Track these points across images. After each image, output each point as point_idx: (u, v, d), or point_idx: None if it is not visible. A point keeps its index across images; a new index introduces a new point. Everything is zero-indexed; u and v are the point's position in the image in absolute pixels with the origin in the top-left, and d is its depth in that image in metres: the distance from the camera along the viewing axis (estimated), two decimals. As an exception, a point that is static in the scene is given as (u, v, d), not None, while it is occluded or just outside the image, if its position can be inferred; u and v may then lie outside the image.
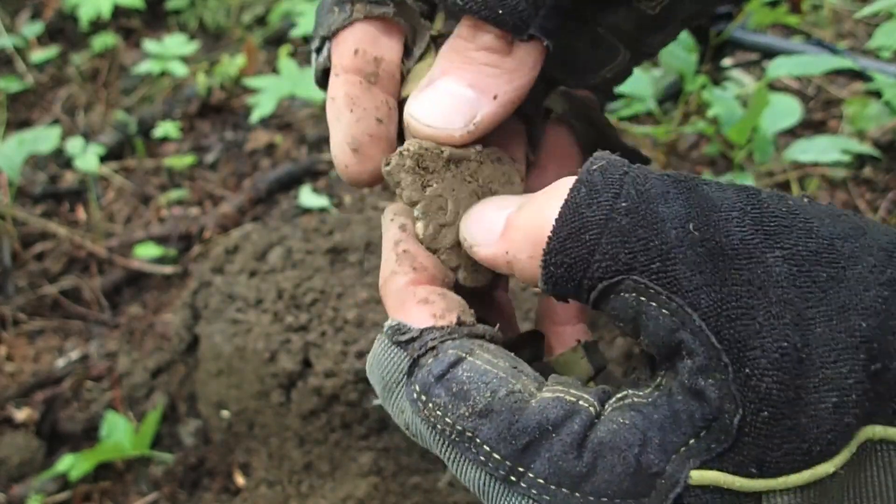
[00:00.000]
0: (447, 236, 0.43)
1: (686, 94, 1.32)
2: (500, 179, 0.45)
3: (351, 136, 0.43)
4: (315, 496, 1.12)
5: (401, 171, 0.42)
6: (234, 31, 2.28)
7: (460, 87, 0.41)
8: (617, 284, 0.33)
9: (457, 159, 0.43)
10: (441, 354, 0.36)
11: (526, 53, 0.41)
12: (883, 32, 0.99)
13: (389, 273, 0.41)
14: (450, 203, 0.43)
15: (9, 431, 1.33)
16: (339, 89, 0.44)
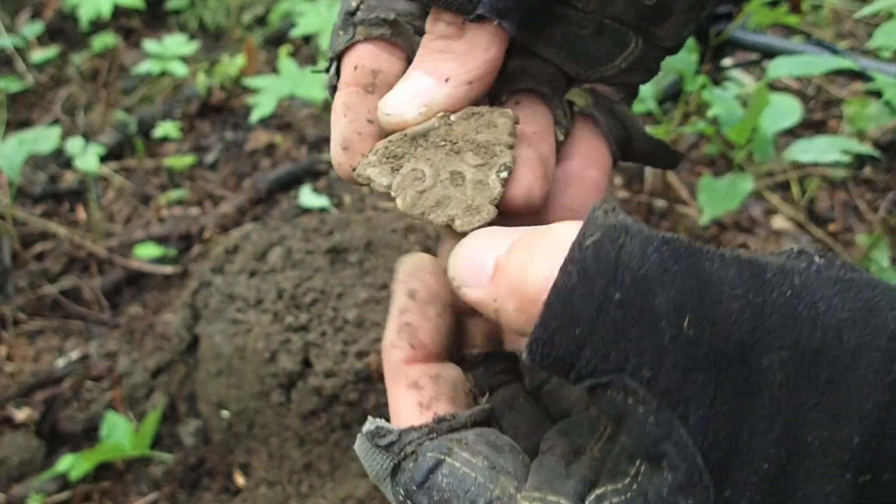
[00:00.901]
0: (429, 198, 0.43)
1: (686, 94, 1.31)
2: (479, 128, 0.44)
3: (343, 137, 0.45)
4: (315, 496, 1.12)
5: (366, 168, 0.44)
6: (234, 31, 2.28)
7: (420, 76, 0.44)
8: (605, 384, 0.31)
9: (422, 133, 0.44)
10: (420, 458, 0.36)
11: (477, 35, 0.42)
12: (883, 32, 0.99)
13: (389, 343, 0.41)
14: (426, 170, 0.43)
15: (9, 431, 1.33)
16: (338, 100, 0.46)
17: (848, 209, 1.58)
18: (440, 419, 0.38)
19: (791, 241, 1.52)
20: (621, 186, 1.67)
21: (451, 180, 0.43)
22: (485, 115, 0.45)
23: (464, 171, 0.43)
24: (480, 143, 0.44)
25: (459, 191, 0.43)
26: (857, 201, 1.59)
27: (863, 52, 1.71)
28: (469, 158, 0.44)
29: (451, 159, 0.44)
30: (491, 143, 0.44)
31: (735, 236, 1.53)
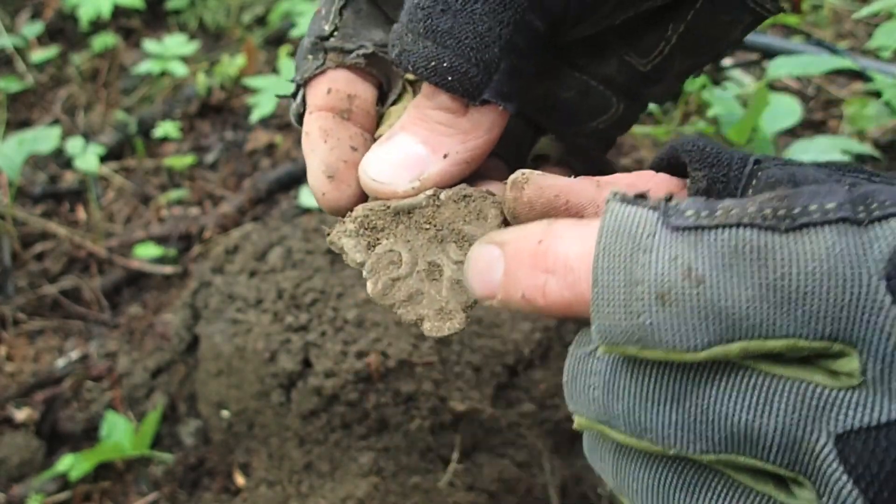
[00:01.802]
0: (401, 289, 0.41)
1: (686, 94, 1.31)
2: (468, 217, 0.42)
3: (325, 164, 0.43)
4: (315, 496, 1.12)
5: (341, 237, 0.42)
6: (234, 31, 2.28)
7: (413, 144, 0.41)
8: None
9: (406, 209, 0.42)
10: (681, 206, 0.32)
11: (481, 116, 0.41)
12: (883, 32, 0.99)
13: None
14: (404, 255, 0.41)
15: (9, 431, 1.33)
16: (312, 124, 0.45)
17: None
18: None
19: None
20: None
21: (428, 273, 0.41)
22: (476, 200, 0.42)
23: (443, 266, 0.41)
24: (466, 237, 0.41)
25: (434, 287, 0.41)
26: (857, 201, 1.59)
27: (863, 52, 1.71)
28: (451, 251, 0.41)
29: (432, 248, 0.41)
30: (476, 237, 0.41)
31: (735, 236, 1.52)
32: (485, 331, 1.19)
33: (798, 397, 0.29)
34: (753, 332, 0.28)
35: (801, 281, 0.28)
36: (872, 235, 0.28)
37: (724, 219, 0.29)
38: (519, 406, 1.16)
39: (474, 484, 1.10)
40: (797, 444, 0.29)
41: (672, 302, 0.29)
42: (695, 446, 0.30)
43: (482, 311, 1.22)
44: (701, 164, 0.35)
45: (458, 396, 1.11)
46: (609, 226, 0.31)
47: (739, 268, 0.28)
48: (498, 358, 1.17)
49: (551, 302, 0.34)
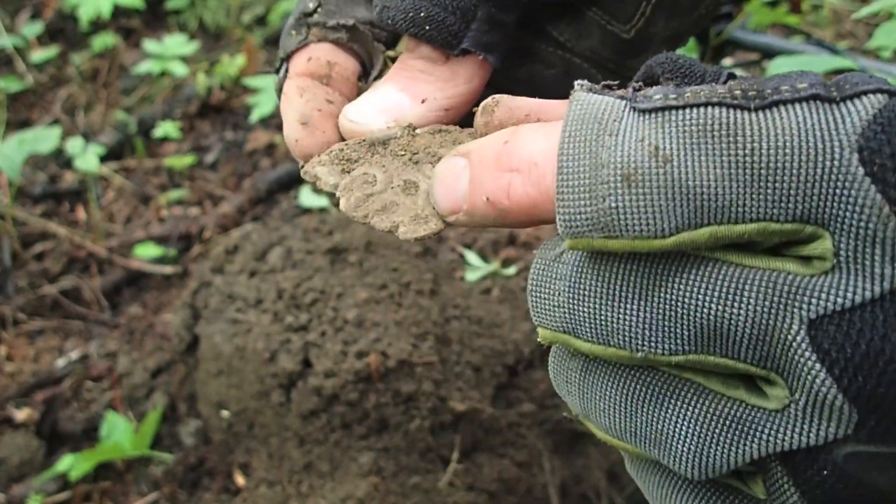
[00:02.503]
0: (375, 202, 0.40)
1: (686, 94, 1.31)
2: (444, 143, 0.42)
3: (300, 113, 0.44)
4: (315, 496, 1.12)
5: (315, 167, 0.43)
6: (234, 31, 2.28)
7: (393, 91, 0.43)
8: None
9: (381, 140, 0.42)
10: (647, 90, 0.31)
11: (461, 65, 0.42)
12: (883, 32, 0.99)
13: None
14: (378, 175, 0.41)
15: (9, 431, 1.33)
16: (290, 86, 0.45)
17: None
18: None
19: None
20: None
21: (404, 188, 0.41)
22: (452, 132, 0.42)
23: (419, 182, 0.41)
24: (442, 157, 0.40)
25: (410, 199, 0.40)
26: (857, 201, 1.59)
27: (863, 52, 1.71)
28: (427, 170, 0.41)
29: (407, 168, 0.41)
30: None
31: (735, 236, 1.53)
32: (485, 331, 1.19)
33: (769, 285, 0.28)
34: (722, 215, 0.27)
35: (772, 157, 0.27)
36: (845, 110, 0.27)
37: (692, 99, 0.29)
38: (519, 406, 1.16)
39: (474, 484, 1.10)
40: (768, 334, 0.28)
41: (638, 183, 0.28)
42: (663, 346, 0.29)
43: (482, 311, 1.22)
44: (673, 75, 0.33)
45: (458, 396, 1.12)
46: (574, 113, 0.30)
47: (708, 146, 0.27)
48: (498, 358, 1.17)
49: (516, 202, 0.33)
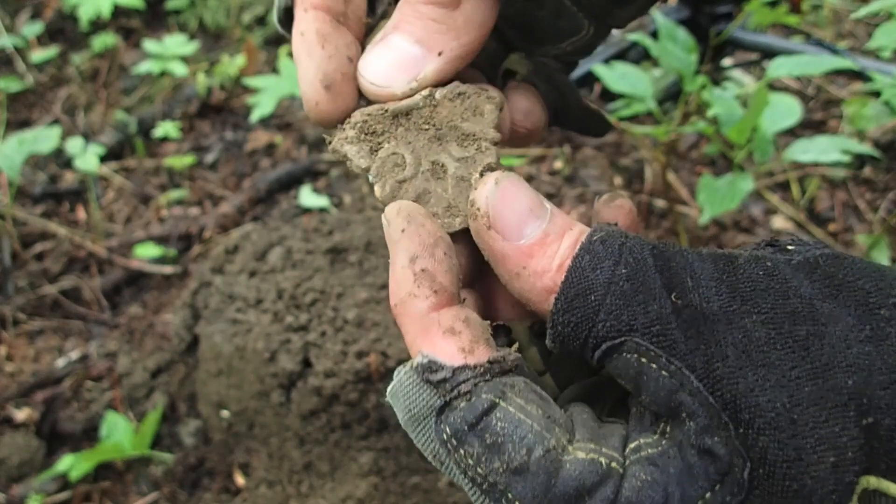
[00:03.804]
0: (409, 190, 0.42)
1: (686, 94, 1.31)
2: (465, 114, 0.42)
3: (323, 73, 0.42)
4: (315, 496, 1.12)
5: (343, 144, 0.42)
6: (234, 31, 2.28)
7: (407, 44, 0.41)
8: (620, 345, 0.35)
9: (404, 111, 0.42)
10: (474, 399, 0.36)
11: (473, 8, 0.41)
12: (883, 32, 0.99)
13: (406, 294, 0.38)
14: (407, 157, 0.42)
15: (9, 431, 1.33)
16: (309, 24, 0.42)
17: (848, 209, 1.58)
18: (493, 360, 0.37)
19: (791, 241, 1.52)
20: (621, 186, 1.67)
21: (433, 172, 0.42)
22: (471, 96, 0.43)
23: (446, 164, 0.42)
24: (465, 134, 0.42)
25: (440, 185, 0.42)
26: (857, 201, 1.59)
27: (863, 52, 1.71)
28: (453, 149, 0.42)
29: (433, 147, 0.42)
30: (476, 135, 0.42)
31: (735, 236, 1.53)
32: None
33: None
34: None
35: None
36: None
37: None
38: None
39: (474, 484, 1.10)
40: None
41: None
42: None
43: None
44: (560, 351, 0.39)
45: (458, 396, 1.11)
46: (395, 389, 0.38)
47: None
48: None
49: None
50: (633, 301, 0.35)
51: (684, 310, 0.34)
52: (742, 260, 0.36)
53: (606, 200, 0.46)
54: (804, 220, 1.54)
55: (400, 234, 0.39)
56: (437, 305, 0.38)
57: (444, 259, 0.39)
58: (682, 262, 0.36)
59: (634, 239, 0.37)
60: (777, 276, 0.35)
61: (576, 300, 0.36)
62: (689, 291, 0.35)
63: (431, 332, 0.38)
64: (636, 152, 1.73)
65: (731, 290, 0.35)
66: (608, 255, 0.36)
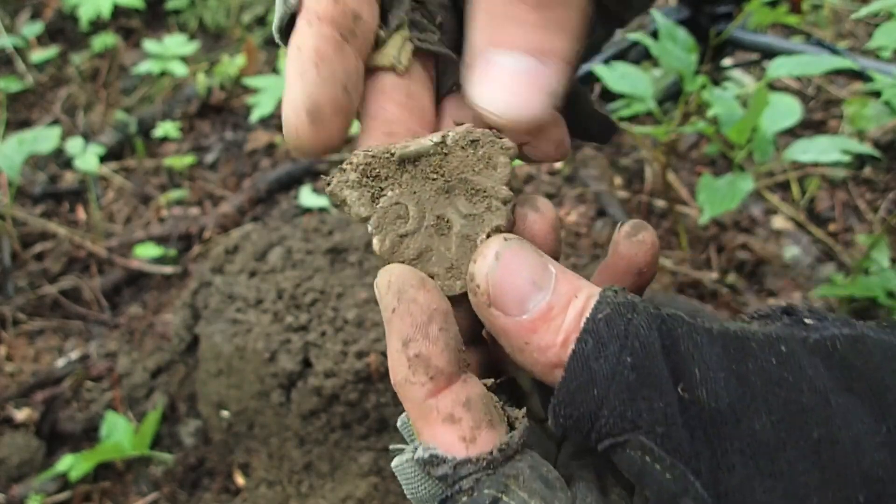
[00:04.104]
0: (410, 246, 0.39)
1: (686, 94, 1.31)
2: (477, 165, 0.40)
3: (311, 101, 0.37)
4: (315, 496, 1.12)
5: (343, 189, 0.39)
6: (234, 31, 2.28)
7: (517, 58, 0.36)
8: (623, 443, 0.33)
9: (412, 157, 0.39)
10: (476, 495, 0.35)
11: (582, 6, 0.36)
12: (883, 32, 0.99)
13: (403, 380, 0.37)
14: (411, 209, 0.39)
15: (9, 431, 1.33)
16: (308, 39, 0.38)
17: (848, 209, 1.58)
18: (497, 449, 0.36)
19: (791, 240, 1.52)
20: (621, 186, 1.67)
21: (437, 227, 0.39)
22: (484, 145, 0.40)
23: (452, 220, 0.40)
24: (475, 189, 0.40)
25: (444, 243, 0.39)
26: (857, 201, 1.59)
27: (863, 52, 1.71)
28: (461, 204, 0.40)
29: (440, 200, 0.40)
30: (486, 192, 0.39)
31: (735, 236, 1.53)
32: (485, 331, 1.19)
33: None
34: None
35: None
36: None
37: None
38: (519, 406, 1.16)
39: (474, 484, 1.10)
40: None
41: None
42: None
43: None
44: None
45: (458, 396, 1.12)
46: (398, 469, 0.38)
47: None
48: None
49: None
50: (638, 395, 0.33)
51: (691, 406, 0.32)
52: (755, 344, 0.34)
53: (629, 234, 0.43)
54: (804, 221, 1.54)
55: (391, 315, 0.37)
56: (434, 391, 0.36)
57: (439, 337, 0.37)
58: (690, 345, 0.34)
59: (642, 315, 0.35)
60: (790, 366, 0.33)
61: (578, 393, 0.34)
62: (696, 385, 0.33)
63: (430, 419, 0.36)
64: (636, 152, 1.73)
65: (741, 383, 0.33)
66: (612, 339, 0.34)
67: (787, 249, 1.50)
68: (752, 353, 0.34)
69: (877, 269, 1.27)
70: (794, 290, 1.42)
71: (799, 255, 1.49)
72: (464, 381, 0.37)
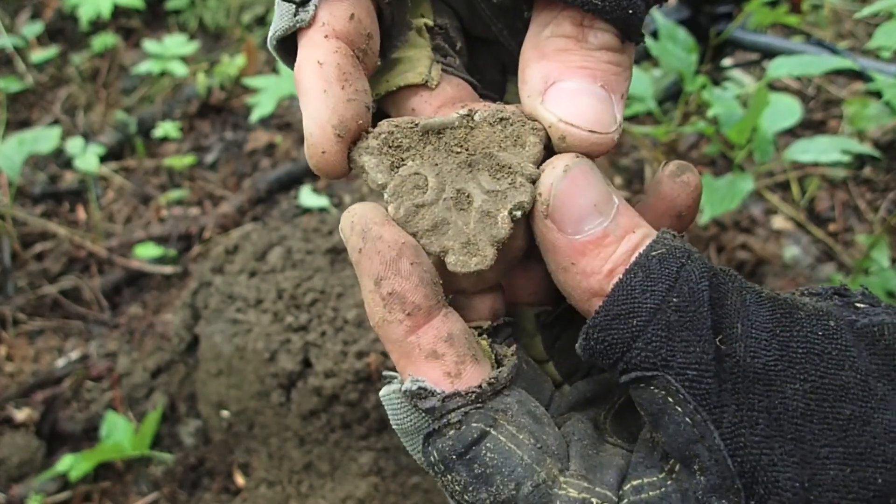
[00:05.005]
0: (425, 217, 0.37)
1: (686, 94, 1.31)
2: (504, 142, 0.38)
3: (339, 119, 0.37)
4: (315, 496, 1.12)
5: (363, 154, 0.38)
6: (234, 31, 2.28)
7: (595, 87, 0.38)
8: (650, 378, 0.33)
9: (436, 129, 0.38)
10: (465, 428, 0.35)
11: (631, 48, 0.39)
12: (883, 32, 0.98)
13: (380, 320, 0.36)
14: (431, 179, 0.38)
15: (9, 431, 1.33)
16: (330, 55, 0.37)
17: (848, 209, 1.58)
18: (486, 383, 0.36)
19: (791, 241, 1.52)
20: (621, 186, 1.67)
21: (456, 201, 0.38)
22: (514, 123, 0.38)
23: (473, 194, 0.38)
24: (501, 165, 0.38)
25: (461, 217, 0.38)
26: (857, 201, 1.59)
27: (863, 52, 1.71)
28: (483, 179, 0.38)
29: (461, 173, 0.38)
30: (513, 168, 0.38)
31: (735, 236, 1.53)
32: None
33: None
34: None
35: None
36: None
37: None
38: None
39: (474, 484, 1.10)
40: None
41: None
42: None
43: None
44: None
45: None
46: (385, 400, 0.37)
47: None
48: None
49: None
50: (676, 336, 0.33)
51: (726, 359, 0.32)
52: (803, 313, 0.34)
53: (673, 173, 0.42)
54: (804, 220, 1.54)
55: (359, 255, 0.36)
56: (414, 328, 0.36)
57: (412, 271, 0.36)
58: (737, 301, 0.34)
59: (696, 261, 0.34)
60: (836, 342, 0.33)
61: (616, 320, 0.34)
62: (736, 339, 0.32)
63: (413, 356, 0.36)
64: (636, 152, 1.73)
65: (782, 348, 0.32)
66: (663, 277, 0.34)
67: (787, 249, 1.50)
68: (799, 321, 0.33)
69: (877, 269, 1.27)
70: (794, 289, 1.42)
71: (799, 255, 1.49)
72: (444, 315, 0.36)
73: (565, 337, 0.44)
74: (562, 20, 0.38)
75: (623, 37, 0.38)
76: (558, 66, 0.38)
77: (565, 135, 0.37)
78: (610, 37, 0.38)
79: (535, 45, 0.38)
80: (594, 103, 0.37)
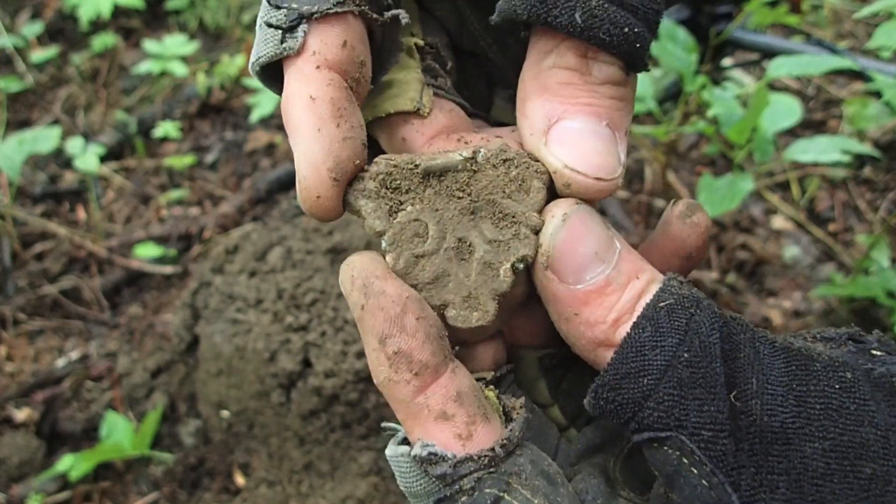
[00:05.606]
0: (426, 269, 0.36)
1: (686, 94, 1.31)
2: (508, 187, 0.37)
3: (334, 160, 0.34)
4: (315, 496, 1.12)
5: (359, 198, 0.35)
6: (234, 31, 2.28)
7: (599, 126, 0.36)
8: (664, 439, 0.32)
9: (437, 171, 0.36)
10: (478, 494, 0.33)
11: (634, 82, 0.38)
12: (883, 32, 0.98)
13: (386, 380, 0.34)
14: (431, 227, 0.36)
15: (9, 431, 1.33)
16: (323, 89, 0.34)
17: (848, 209, 1.58)
18: (499, 445, 0.34)
19: (791, 240, 1.52)
20: (621, 186, 1.67)
21: (457, 251, 0.36)
22: (518, 166, 0.37)
23: (475, 244, 0.36)
24: (505, 213, 0.36)
25: (463, 268, 0.36)
26: (857, 201, 1.59)
27: (863, 52, 1.71)
28: (486, 228, 0.36)
29: (463, 221, 0.36)
30: (517, 217, 0.36)
31: (735, 236, 1.53)
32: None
33: None
34: None
35: None
36: None
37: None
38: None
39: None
40: None
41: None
42: None
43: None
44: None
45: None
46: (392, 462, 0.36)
47: None
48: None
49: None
50: (689, 394, 0.31)
51: (742, 416, 0.31)
52: (819, 365, 0.32)
53: (683, 213, 0.41)
54: (804, 221, 1.54)
55: (361, 312, 0.34)
56: (421, 387, 0.34)
57: (417, 327, 0.34)
58: (751, 354, 0.32)
59: (705, 312, 0.33)
60: (853, 395, 0.31)
61: (626, 379, 0.32)
62: (752, 395, 0.31)
63: (421, 418, 0.34)
64: (636, 152, 1.73)
65: (799, 404, 0.31)
66: (672, 331, 0.32)
67: (787, 249, 1.50)
68: (815, 374, 0.32)
69: (877, 269, 1.27)
70: (794, 290, 1.42)
71: (799, 255, 1.49)
72: (452, 371, 0.34)
73: (569, 379, 0.42)
74: (564, 50, 0.36)
75: (628, 69, 0.36)
76: (562, 102, 0.36)
77: (570, 182, 0.36)
78: (615, 70, 0.36)
79: (536, 76, 0.37)
80: (599, 147, 0.36)
